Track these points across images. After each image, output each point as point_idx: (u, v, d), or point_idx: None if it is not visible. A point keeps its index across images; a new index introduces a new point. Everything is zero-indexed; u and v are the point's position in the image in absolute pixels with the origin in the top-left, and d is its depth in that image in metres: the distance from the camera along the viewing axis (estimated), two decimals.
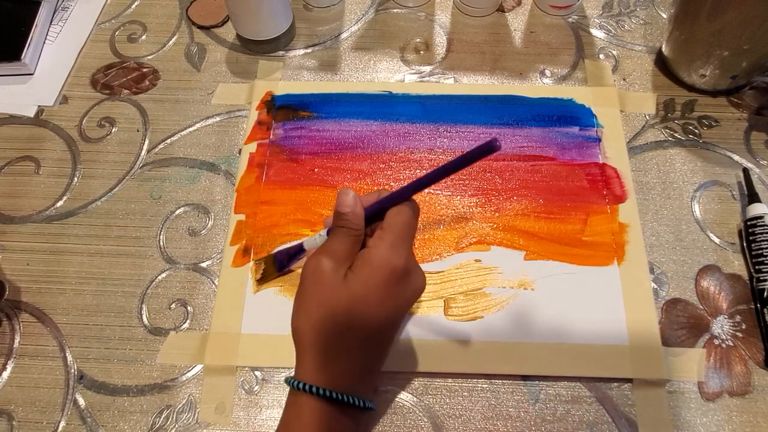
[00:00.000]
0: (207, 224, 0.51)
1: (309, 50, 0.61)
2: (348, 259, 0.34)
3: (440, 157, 0.53)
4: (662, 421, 0.42)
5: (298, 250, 0.45)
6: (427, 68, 0.59)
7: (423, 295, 0.40)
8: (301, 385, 0.33)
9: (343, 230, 0.35)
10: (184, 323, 0.46)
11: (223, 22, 0.63)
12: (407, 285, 0.34)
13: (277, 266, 0.46)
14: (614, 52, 0.60)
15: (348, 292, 0.33)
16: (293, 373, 0.35)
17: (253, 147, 0.54)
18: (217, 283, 0.48)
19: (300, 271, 0.47)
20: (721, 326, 0.45)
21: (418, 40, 0.61)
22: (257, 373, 0.44)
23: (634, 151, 0.53)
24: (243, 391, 0.43)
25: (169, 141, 0.55)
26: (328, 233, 0.38)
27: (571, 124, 0.54)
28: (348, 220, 0.35)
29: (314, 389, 0.32)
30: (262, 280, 0.47)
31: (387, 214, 0.35)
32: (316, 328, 0.33)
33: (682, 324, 0.45)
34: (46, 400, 0.43)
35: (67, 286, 0.48)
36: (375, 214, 0.36)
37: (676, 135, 0.54)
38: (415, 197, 0.35)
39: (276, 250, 0.48)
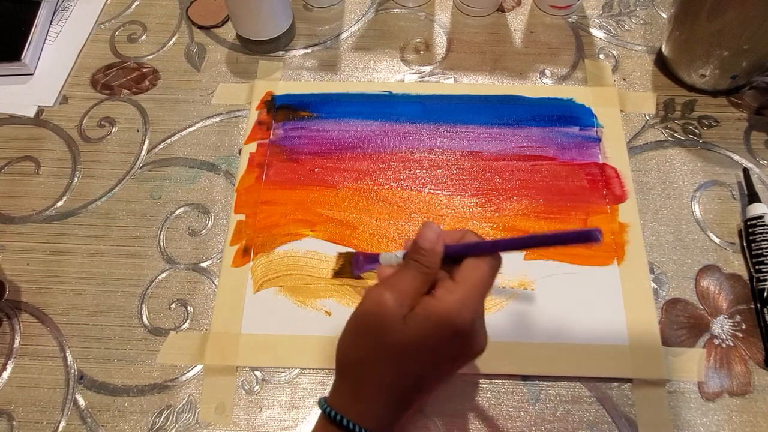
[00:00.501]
0: (207, 224, 0.51)
1: (309, 50, 0.61)
2: (413, 299, 0.32)
3: (440, 157, 0.53)
4: (662, 421, 0.42)
5: (374, 260, 0.42)
6: (427, 68, 0.59)
7: None
8: (333, 414, 0.32)
9: (416, 265, 0.33)
10: (184, 323, 0.46)
11: (223, 22, 0.63)
12: (466, 345, 0.32)
13: (353, 267, 0.45)
14: (614, 52, 0.60)
15: (402, 335, 0.31)
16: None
17: (253, 147, 0.54)
18: (217, 283, 0.48)
19: (310, 275, 0.48)
20: (721, 326, 0.45)
21: (418, 40, 0.61)
22: (257, 373, 0.44)
23: (634, 151, 0.53)
24: (243, 391, 0.43)
25: (169, 141, 0.55)
26: (404, 257, 0.36)
27: (571, 124, 0.54)
28: (424, 257, 0.32)
29: (345, 422, 0.31)
30: (338, 274, 0.47)
31: (464, 263, 0.32)
32: (361, 357, 0.32)
33: (682, 324, 0.45)
34: (46, 400, 0.43)
35: (67, 286, 0.48)
36: (454, 256, 0.33)
37: (676, 135, 0.54)
38: (415, 196, 0.35)
39: (358, 251, 0.47)
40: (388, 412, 0.33)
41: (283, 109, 0.56)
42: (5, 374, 0.44)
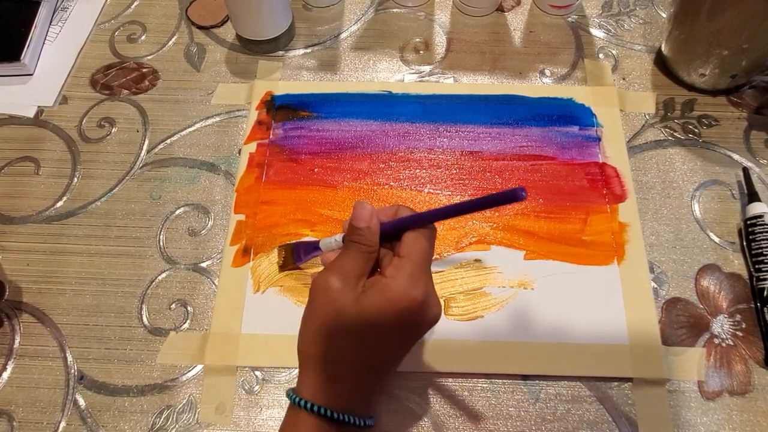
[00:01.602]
0: (207, 224, 0.51)
1: (309, 50, 0.61)
2: (359, 278, 0.33)
3: (440, 156, 0.53)
4: (662, 421, 0.42)
5: (315, 248, 0.44)
6: (427, 68, 0.59)
7: None
8: (302, 402, 0.33)
9: (355, 246, 0.34)
10: (184, 323, 0.46)
11: (223, 22, 0.63)
12: (423, 317, 0.33)
13: (295, 257, 0.46)
14: (614, 52, 0.60)
15: (359, 317, 0.32)
16: (294, 385, 0.35)
17: (252, 147, 0.54)
18: (217, 283, 0.48)
19: (306, 274, 0.48)
20: (721, 325, 0.45)
21: (417, 39, 0.61)
22: (257, 373, 0.44)
23: (634, 151, 0.53)
24: (243, 391, 0.43)
25: (168, 141, 0.55)
26: (343, 240, 0.37)
27: (571, 124, 0.54)
28: (362, 236, 0.34)
29: (314, 408, 0.32)
30: (282, 268, 0.47)
31: (404, 238, 0.33)
32: (323, 345, 0.33)
33: (682, 323, 0.45)
34: (46, 401, 0.43)
35: (67, 287, 0.48)
36: (391, 232, 0.34)
37: (675, 134, 0.54)
38: (415, 196, 0.35)
39: (297, 241, 0.48)
40: (356, 392, 0.34)
41: (282, 109, 0.56)
42: (5, 374, 0.44)
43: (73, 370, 0.45)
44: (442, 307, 0.35)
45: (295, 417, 0.33)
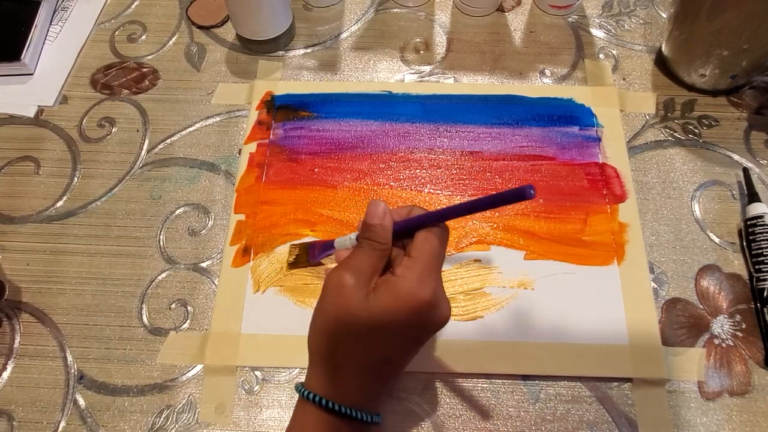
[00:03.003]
0: (207, 224, 0.51)
1: (309, 50, 0.61)
2: (371, 276, 0.33)
3: (440, 156, 0.53)
4: (662, 421, 0.42)
5: (329, 246, 0.44)
6: (427, 68, 0.59)
7: None
8: (310, 396, 0.33)
9: (369, 243, 0.34)
10: (184, 323, 0.46)
11: (223, 22, 0.63)
12: (431, 317, 0.33)
13: (309, 255, 0.46)
14: (614, 52, 0.60)
15: (368, 315, 0.32)
16: (304, 378, 0.35)
17: (253, 147, 0.54)
18: (217, 283, 0.48)
19: (307, 274, 0.48)
20: (721, 326, 0.45)
21: (417, 39, 0.61)
22: (257, 373, 0.44)
23: (634, 151, 0.53)
24: (243, 391, 0.43)
25: (169, 141, 0.55)
26: (357, 238, 0.37)
27: (571, 124, 0.54)
28: (375, 233, 0.34)
29: (323, 401, 0.32)
30: (293, 265, 0.47)
31: (416, 237, 0.34)
32: (331, 342, 0.33)
33: (682, 323, 0.45)
34: (46, 401, 0.43)
35: (67, 286, 0.48)
36: (404, 231, 0.34)
37: (675, 135, 0.54)
38: (415, 196, 0.35)
39: (311, 239, 0.48)
40: (364, 389, 0.34)
41: (282, 109, 0.56)
42: (5, 374, 0.44)
43: (73, 370, 0.45)
44: (451, 312, 0.35)
45: (304, 410, 0.34)
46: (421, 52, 0.60)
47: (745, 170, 0.50)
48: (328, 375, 0.34)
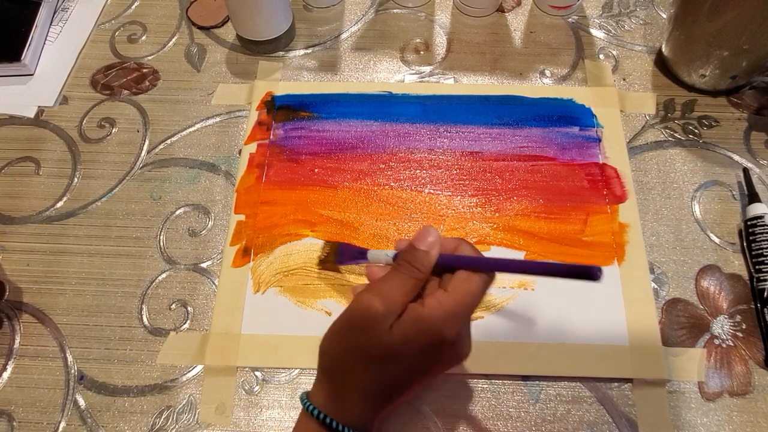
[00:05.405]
0: (207, 225, 0.51)
1: (309, 50, 0.61)
2: (400, 307, 0.32)
3: (440, 157, 0.53)
4: (662, 421, 0.42)
5: (361, 256, 0.42)
6: (427, 68, 0.59)
7: None
8: (315, 411, 0.33)
9: (408, 269, 0.33)
10: (185, 324, 0.46)
11: (223, 23, 0.63)
12: (449, 354, 0.33)
13: (337, 257, 0.46)
14: (614, 52, 0.60)
15: (388, 342, 0.31)
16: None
17: (253, 147, 0.54)
18: (217, 284, 0.48)
19: (309, 274, 0.48)
20: (721, 326, 0.45)
21: (418, 40, 0.61)
22: (257, 373, 0.44)
23: (634, 151, 0.53)
24: (243, 392, 0.43)
25: (169, 141, 0.55)
26: (394, 258, 0.36)
27: (571, 124, 0.54)
28: (418, 260, 0.33)
29: (326, 419, 0.32)
30: (321, 264, 0.47)
31: (458, 274, 0.32)
32: (344, 362, 0.33)
33: (682, 324, 0.45)
34: (46, 401, 0.43)
35: (67, 287, 0.48)
36: (447, 266, 0.33)
37: (676, 135, 0.54)
38: (415, 197, 0.35)
39: (345, 243, 0.47)
40: (367, 411, 0.34)
41: (283, 109, 0.56)
42: (5, 375, 0.44)
43: (73, 371, 0.45)
44: (470, 351, 0.34)
45: (307, 423, 0.34)
46: (421, 52, 0.60)
47: (746, 170, 0.50)
48: (333, 392, 0.33)
